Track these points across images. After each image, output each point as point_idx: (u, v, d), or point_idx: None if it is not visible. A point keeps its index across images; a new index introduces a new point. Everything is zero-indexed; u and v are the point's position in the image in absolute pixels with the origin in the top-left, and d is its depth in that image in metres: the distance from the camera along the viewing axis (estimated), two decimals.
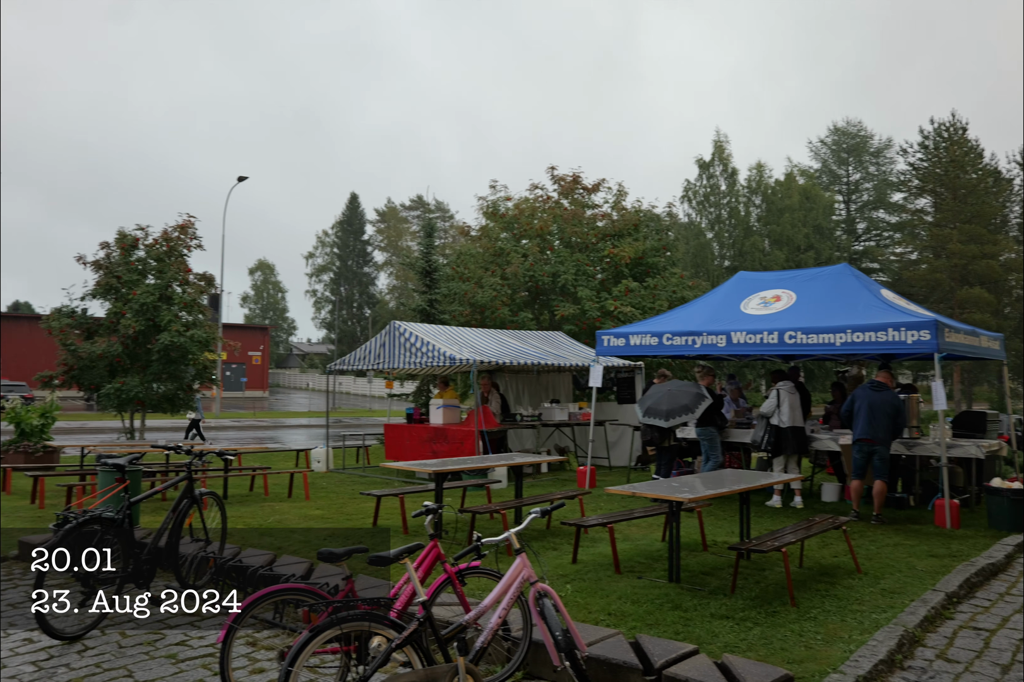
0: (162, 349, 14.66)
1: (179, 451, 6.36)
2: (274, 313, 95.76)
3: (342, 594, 4.22)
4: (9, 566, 7.10)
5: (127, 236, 15.67)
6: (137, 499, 5.54)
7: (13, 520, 9.23)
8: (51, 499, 10.87)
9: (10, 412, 14.22)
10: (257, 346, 60.85)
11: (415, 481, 12.86)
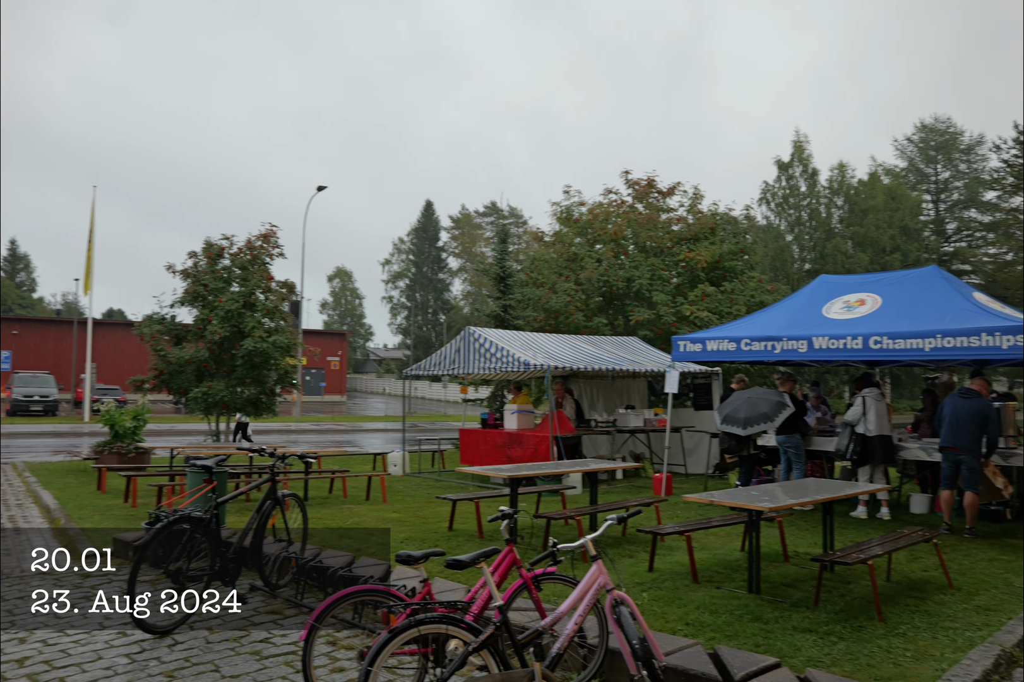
0: (246, 354, 15.12)
1: (263, 453, 6.55)
2: (352, 319, 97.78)
3: (419, 596, 4.27)
4: (105, 562, 7.42)
5: (213, 245, 16.25)
6: (224, 499, 5.73)
7: (107, 518, 9.65)
8: (142, 498, 11.33)
9: (105, 415, 14.91)
10: (335, 351, 62.20)
11: (490, 486, 12.92)
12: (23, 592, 6.32)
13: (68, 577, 6.81)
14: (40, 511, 10.57)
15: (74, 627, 5.36)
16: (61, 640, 5.08)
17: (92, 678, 4.46)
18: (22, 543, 8.42)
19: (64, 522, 9.33)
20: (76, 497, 11.51)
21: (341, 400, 61.65)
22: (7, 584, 6.59)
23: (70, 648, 4.94)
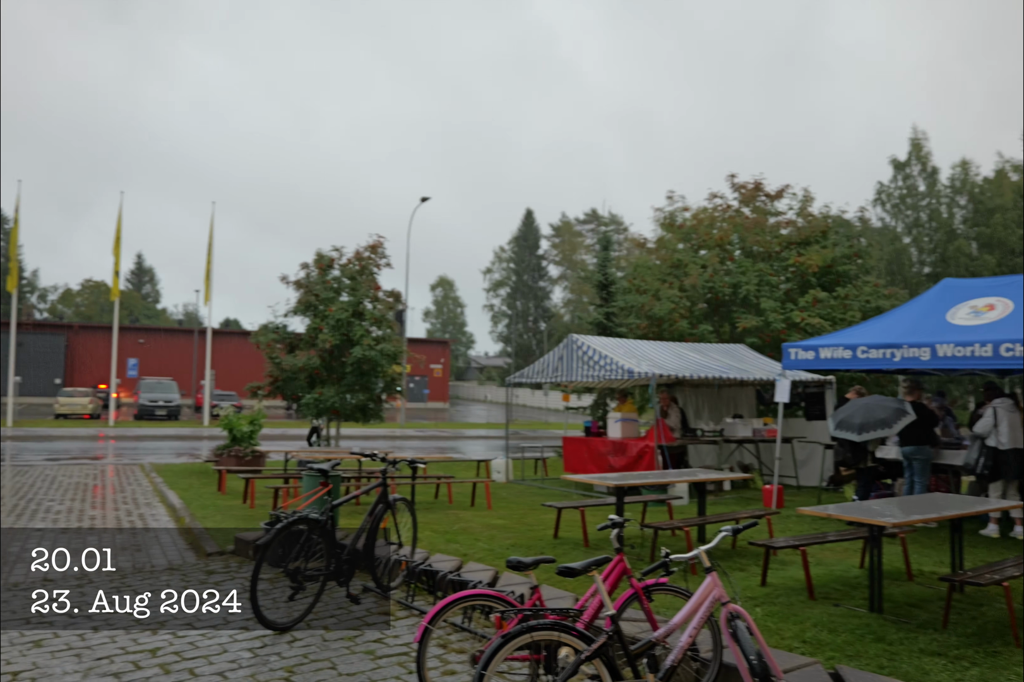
0: (355, 362, 15.58)
1: (375, 458, 6.72)
2: (453, 327, 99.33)
3: (530, 603, 4.27)
4: (227, 560, 7.78)
5: (324, 257, 16.84)
6: (339, 502, 5.90)
7: (228, 518, 10.10)
8: (259, 499, 11.81)
9: (224, 419, 15.65)
10: (438, 359, 63.28)
11: (593, 494, 12.84)
12: (154, 586, 6.68)
13: (193, 573, 7.16)
14: (167, 510, 11.17)
15: (200, 621, 5.62)
16: (189, 633, 5.34)
17: (218, 670, 4.66)
18: (150, 540, 8.91)
19: (189, 521, 9.83)
20: (199, 497, 12.10)
21: (444, 407, 62.64)
22: (139, 578, 6.98)
23: (197, 641, 5.19)
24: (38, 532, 9.29)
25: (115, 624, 5.53)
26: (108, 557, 7.91)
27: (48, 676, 4.51)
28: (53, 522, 10.00)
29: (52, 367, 53.16)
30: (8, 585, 6.70)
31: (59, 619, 5.64)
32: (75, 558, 7.86)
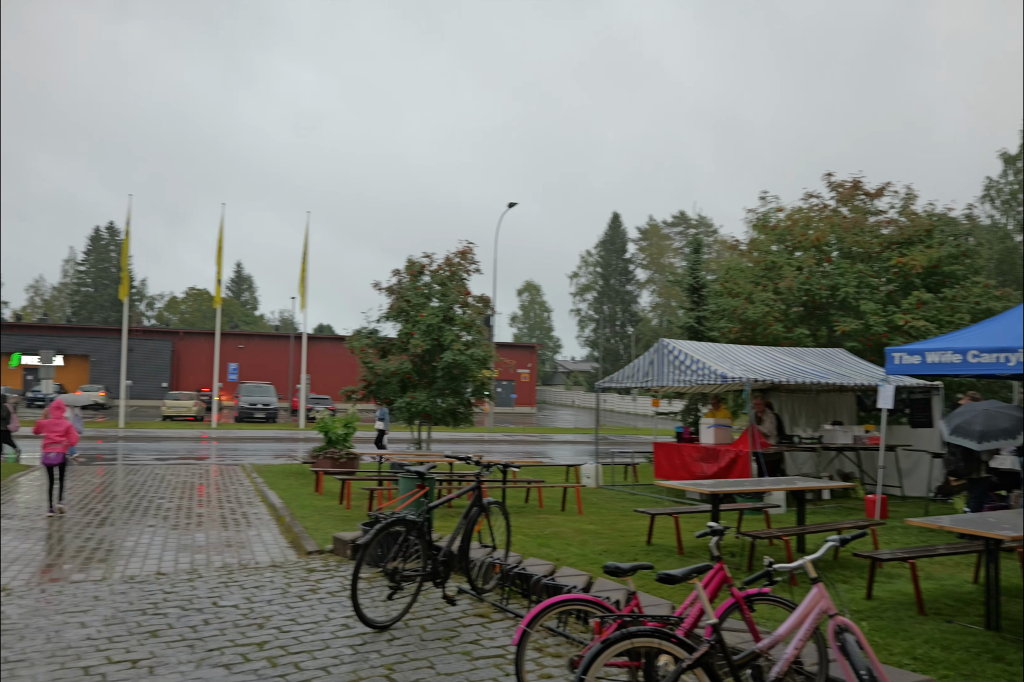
0: (445, 366, 15.80)
1: (469, 461, 6.79)
2: (540, 332, 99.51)
3: (627, 609, 4.23)
4: (326, 558, 8.00)
5: (415, 263, 17.15)
6: (435, 504, 5.99)
7: (325, 518, 10.39)
8: (355, 500, 12.10)
9: (320, 422, 16.11)
10: (525, 364, 63.50)
11: (685, 501, 12.63)
12: (259, 582, 6.93)
13: (295, 571, 7.39)
14: (268, 509, 11.57)
15: (303, 617, 5.80)
16: (293, 628, 5.51)
17: (321, 665, 4.80)
18: (253, 538, 9.24)
19: (289, 520, 10.15)
20: (297, 497, 12.49)
21: (531, 412, 62.79)
22: (245, 574, 7.25)
23: (301, 636, 5.35)
24: (151, 528, 9.77)
25: (224, 617, 5.76)
26: (215, 553, 8.26)
27: (165, 665, 4.74)
28: (164, 519, 10.50)
29: (159, 371, 55.87)
30: (126, 577, 7.06)
31: (173, 611, 5.92)
32: (185, 553, 8.23)
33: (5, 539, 8.84)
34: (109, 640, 5.19)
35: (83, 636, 5.27)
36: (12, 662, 4.74)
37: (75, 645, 5.08)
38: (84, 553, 8.15)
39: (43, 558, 7.89)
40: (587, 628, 5.36)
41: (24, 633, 5.31)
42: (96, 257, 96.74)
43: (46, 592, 6.46)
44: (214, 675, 4.58)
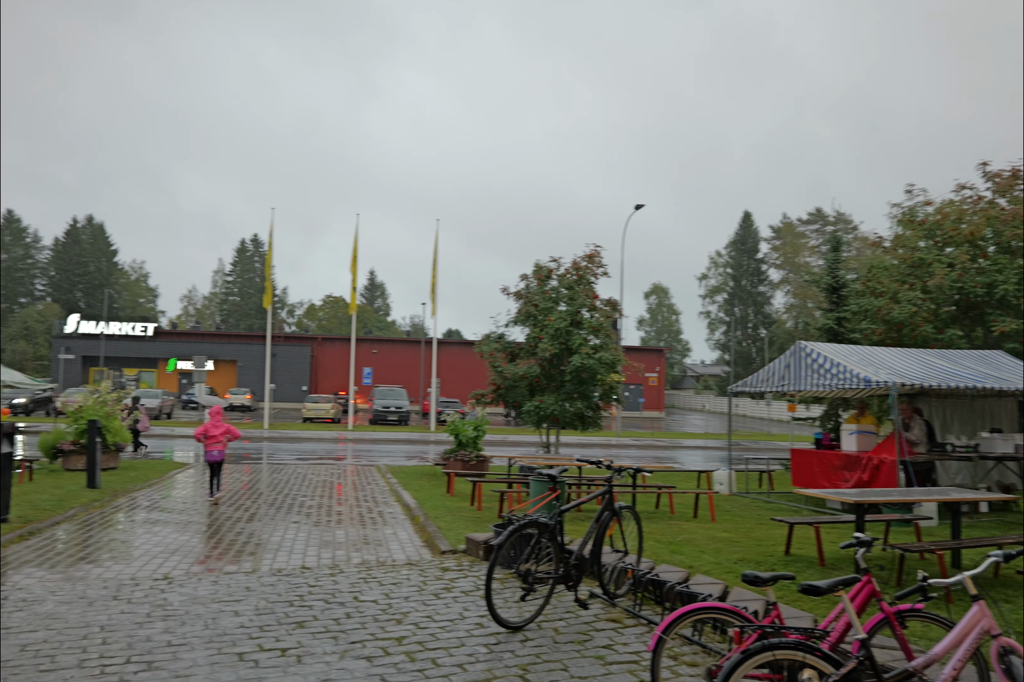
0: (574, 370, 15.79)
1: (600, 465, 6.76)
2: (668, 335, 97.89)
3: (768, 620, 4.09)
4: (459, 558, 8.15)
5: (542, 267, 17.25)
6: (566, 507, 6.00)
7: (458, 519, 10.59)
8: (485, 502, 12.28)
9: (451, 425, 16.46)
10: (653, 368, 62.63)
11: (826, 511, 12.08)
12: (396, 579, 7.15)
13: (430, 569, 7.58)
14: (402, 509, 11.92)
15: (439, 614, 5.93)
16: (429, 625, 5.65)
17: (458, 662, 4.89)
18: (389, 536, 9.54)
19: (423, 520, 10.42)
20: (430, 498, 12.80)
21: (659, 416, 61.84)
22: (383, 571, 7.50)
23: (437, 633, 5.48)
24: (295, 524, 10.27)
25: (364, 612, 5.97)
26: (354, 550, 8.59)
27: (311, 654, 4.97)
28: (306, 515, 11.02)
29: (299, 375, 58.70)
30: (273, 570, 7.46)
31: (317, 604, 6.19)
32: (327, 549, 8.60)
33: (166, 531, 9.52)
34: (260, 629, 5.49)
35: (237, 624, 5.60)
36: (175, 645, 5.09)
37: (230, 632, 5.40)
38: (235, 546, 8.66)
39: (199, 550, 8.44)
40: (723, 638, 5.22)
41: (184, 619, 5.69)
42: (242, 268, 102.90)
43: (203, 581, 6.91)
44: (357, 667, 4.76)
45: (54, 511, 10.36)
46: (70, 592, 6.39)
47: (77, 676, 4.50)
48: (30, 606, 5.94)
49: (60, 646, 5.02)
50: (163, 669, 4.65)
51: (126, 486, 13.53)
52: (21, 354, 75.73)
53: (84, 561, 7.65)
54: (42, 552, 8.06)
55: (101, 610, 5.88)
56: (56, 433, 16.17)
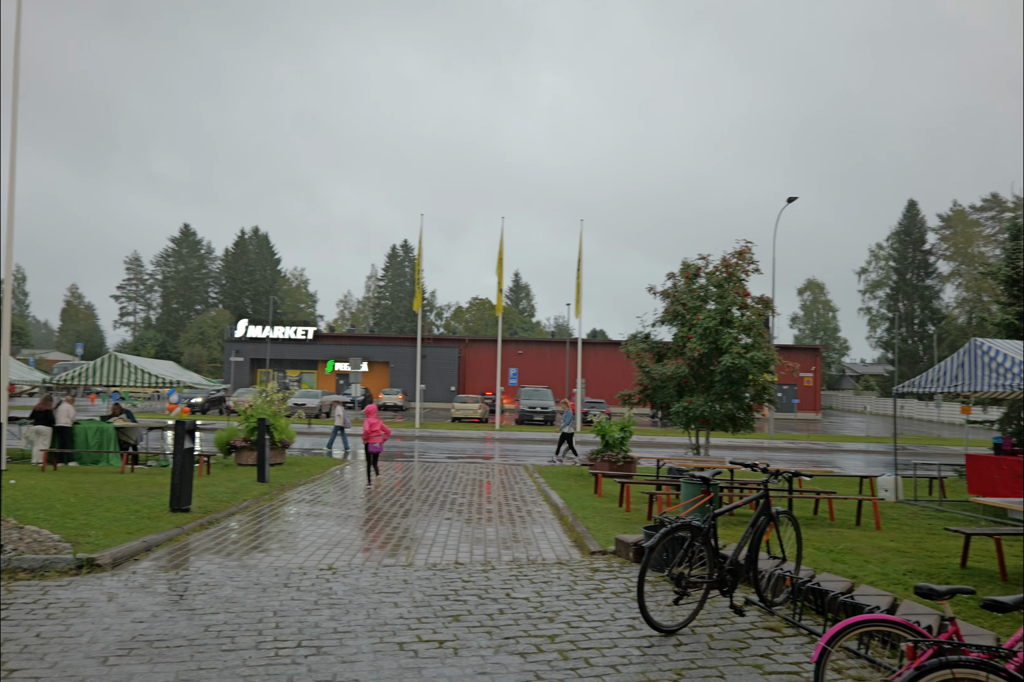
0: (724, 370, 15.34)
1: (755, 469, 6.54)
2: (824, 333, 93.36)
3: (944, 636, 3.82)
4: (608, 559, 8.12)
5: (690, 266, 16.88)
6: (720, 511, 5.84)
7: (606, 520, 10.55)
8: (634, 504, 12.16)
9: (597, 426, 16.42)
10: (808, 367, 59.91)
11: (1008, 521, 11.14)
12: (547, 578, 7.21)
13: (580, 569, 7.59)
14: (550, 508, 12.01)
15: (590, 614, 5.93)
16: (581, 625, 5.66)
17: (610, 663, 4.88)
18: (539, 535, 9.63)
19: (571, 520, 10.45)
20: (578, 498, 12.82)
21: (815, 418, 59.06)
22: (533, 569, 7.59)
23: (589, 633, 5.48)
24: (447, 520, 10.57)
25: (516, 609, 6.06)
26: (504, 547, 8.74)
27: (467, 647, 5.10)
28: (458, 513, 11.31)
29: (448, 376, 60.35)
30: (428, 565, 7.71)
31: (471, 599, 6.35)
32: (478, 546, 8.79)
33: (328, 524, 10.04)
34: (418, 621, 5.69)
35: (396, 615, 5.83)
36: (341, 632, 5.37)
37: (390, 622, 5.63)
38: (392, 540, 9.02)
39: (359, 543, 8.85)
40: (893, 653, 4.92)
41: (348, 608, 5.99)
42: (393, 273, 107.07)
43: (364, 573, 7.24)
44: (511, 662, 4.84)
45: (229, 503, 11.16)
46: (245, 578, 6.87)
47: (254, 656, 4.83)
48: (211, 590, 6.43)
49: (239, 628, 5.41)
50: (331, 654, 4.91)
51: (291, 480, 14.39)
52: (197, 357, 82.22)
53: (256, 550, 8.20)
54: (219, 540, 8.70)
55: (273, 596, 6.28)
56: (230, 430, 17.43)
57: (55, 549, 7.40)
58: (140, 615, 5.63)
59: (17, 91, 14.37)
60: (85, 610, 5.72)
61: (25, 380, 18.33)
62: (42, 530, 8.16)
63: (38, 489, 11.47)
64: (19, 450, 17.47)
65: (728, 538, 8.70)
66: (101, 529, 8.53)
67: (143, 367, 17.57)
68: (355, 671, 4.62)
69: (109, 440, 16.79)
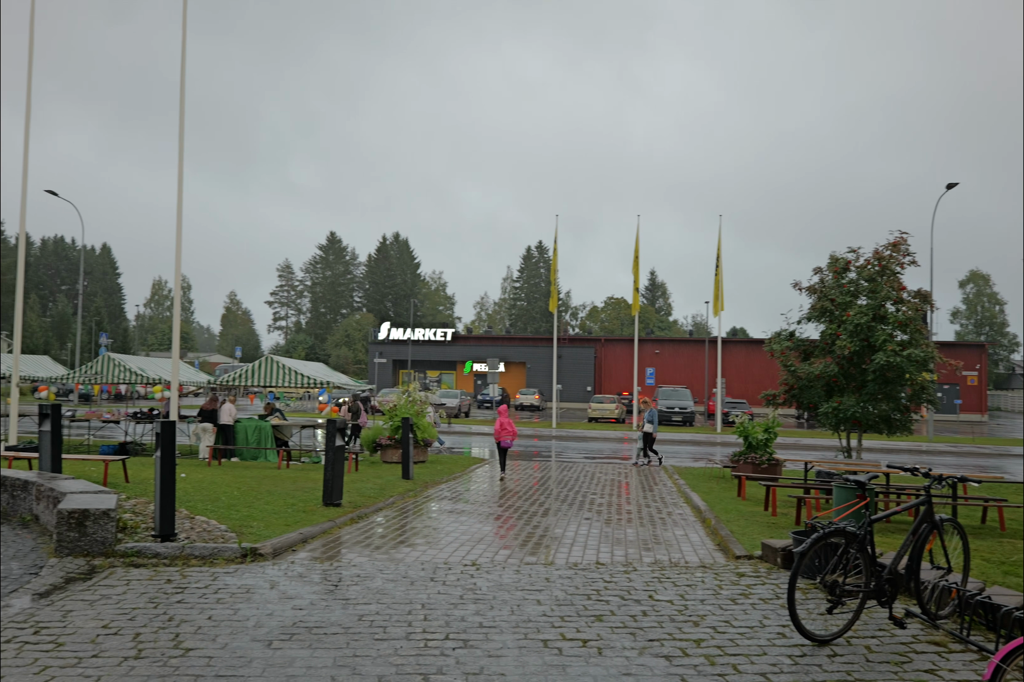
0: (877, 369, 14.54)
1: (915, 473, 6.16)
2: (990, 328, 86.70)
3: None
4: (755, 564, 7.87)
5: (839, 259, 16.10)
6: (877, 517, 5.54)
7: (751, 524, 10.23)
8: (780, 508, 11.73)
9: (739, 427, 15.94)
10: (972, 365, 55.82)
11: None
12: (690, 581, 7.07)
13: (725, 574, 7.40)
14: (692, 511, 11.77)
15: (737, 620, 5.77)
16: (728, 630, 5.51)
17: (760, 671, 4.72)
18: (680, 538, 9.46)
19: (714, 523, 10.20)
20: (720, 501, 12.50)
21: (980, 419, 54.91)
22: (676, 571, 7.46)
23: (736, 639, 5.32)
24: (587, 520, 10.56)
25: (660, 611, 5.98)
26: (645, 549, 8.64)
27: (611, 648, 5.07)
28: (597, 513, 11.28)
29: (584, 376, 60.34)
30: (569, 564, 7.73)
31: (613, 599, 6.31)
32: (619, 547, 8.74)
33: (470, 521, 10.26)
34: (561, 619, 5.72)
35: (539, 612, 5.88)
36: (486, 627, 5.47)
37: (533, 619, 5.69)
38: (533, 539, 9.10)
39: (500, 540, 9.00)
40: None
41: (493, 604, 6.09)
42: (528, 274, 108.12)
43: (506, 570, 7.35)
44: (656, 664, 4.78)
45: (376, 498, 11.62)
46: (394, 571, 7.13)
47: (405, 646, 5.01)
48: (363, 582, 6.71)
49: (390, 618, 5.62)
50: (477, 648, 5.01)
51: (434, 478, 14.81)
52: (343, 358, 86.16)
53: (403, 545, 8.50)
54: (368, 534, 9.08)
55: (421, 589, 6.49)
56: (375, 429, 18.15)
57: (222, 538, 7.94)
58: (299, 603, 5.95)
59: (183, 119, 15.56)
60: (250, 596, 6.11)
61: (193, 381, 19.81)
62: (210, 520, 8.79)
63: (205, 482, 12.35)
64: (187, 446, 18.88)
65: (885, 546, 8.24)
66: (262, 521, 9.09)
67: (296, 369, 18.59)
68: (501, 665, 4.70)
69: (266, 437, 17.87)
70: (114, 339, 78.57)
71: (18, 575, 6.63)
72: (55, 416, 11.17)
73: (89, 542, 7.27)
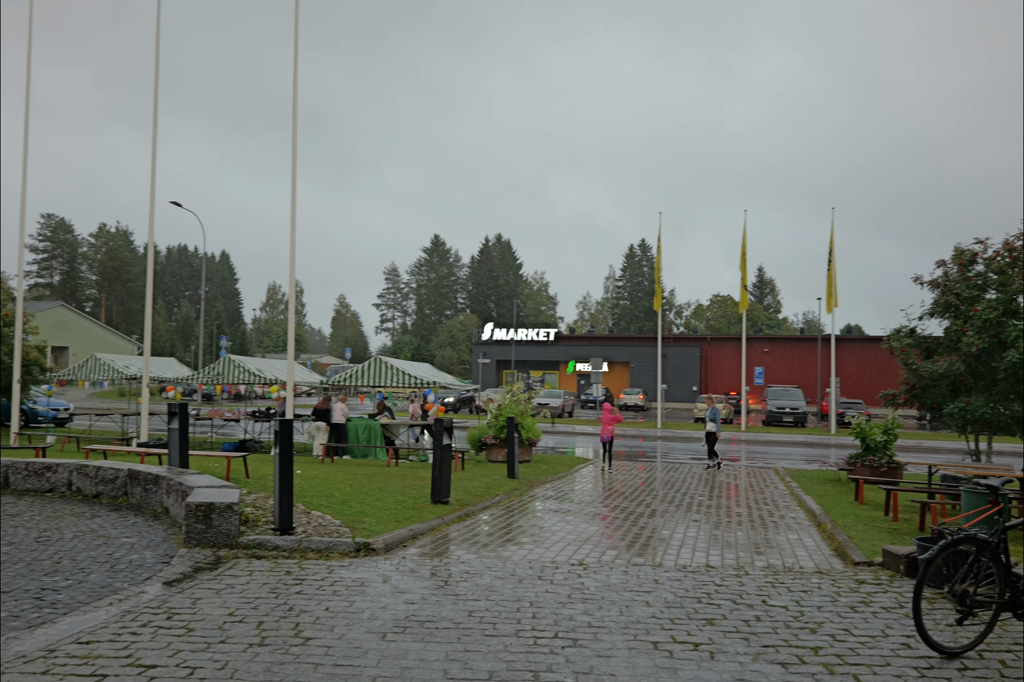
0: (1009, 367, 13.63)
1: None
2: None
3: None
4: (875, 571, 7.53)
5: (964, 251, 15.20)
6: (1012, 524, 5.21)
7: (870, 529, 9.80)
8: (902, 513, 11.20)
9: (856, 428, 15.29)
10: None
11: None
12: (806, 587, 6.83)
13: (843, 580, 7.11)
14: (806, 515, 11.37)
15: (856, 628, 5.53)
16: (848, 639, 5.29)
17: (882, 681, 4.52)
18: (794, 542, 9.16)
19: (830, 528, 9.82)
20: (836, 505, 12.04)
21: None
22: (790, 577, 7.22)
23: (857, 648, 5.10)
24: (695, 522, 10.37)
25: (774, 617, 5.80)
26: (757, 553, 8.40)
27: (723, 653, 4.96)
28: (705, 515, 11.06)
29: (689, 376, 59.27)
30: (678, 566, 7.60)
31: (725, 603, 6.17)
32: (729, 550, 8.54)
33: (576, 521, 10.24)
34: (671, 621, 5.63)
35: (648, 614, 5.80)
36: (595, 627, 5.44)
37: (643, 621, 5.62)
38: (640, 540, 9.00)
39: (607, 541, 8.94)
40: None
41: (601, 604, 6.06)
42: (631, 272, 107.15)
43: (614, 570, 7.29)
44: (771, 671, 4.64)
45: (483, 497, 11.75)
46: (502, 569, 7.19)
47: (515, 643, 5.05)
48: (472, 578, 6.80)
49: (499, 615, 5.67)
50: (586, 647, 5.00)
51: (539, 477, 14.86)
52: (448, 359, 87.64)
53: (510, 543, 8.56)
54: (475, 532, 9.19)
55: (529, 588, 6.52)
56: (480, 428, 18.37)
57: (336, 533, 8.22)
58: (411, 597, 6.09)
59: (295, 130, 16.18)
60: (364, 589, 6.29)
61: (306, 382, 20.57)
62: (325, 516, 9.11)
63: (319, 479, 12.81)
64: (301, 444, 19.62)
65: (1020, 555, 7.73)
66: (373, 517, 9.35)
67: (404, 369, 19.03)
68: (611, 666, 4.66)
69: (376, 436, 18.37)
70: (233, 341, 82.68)
71: (151, 564, 7.06)
72: (183, 415, 11.82)
73: (215, 534, 7.66)
